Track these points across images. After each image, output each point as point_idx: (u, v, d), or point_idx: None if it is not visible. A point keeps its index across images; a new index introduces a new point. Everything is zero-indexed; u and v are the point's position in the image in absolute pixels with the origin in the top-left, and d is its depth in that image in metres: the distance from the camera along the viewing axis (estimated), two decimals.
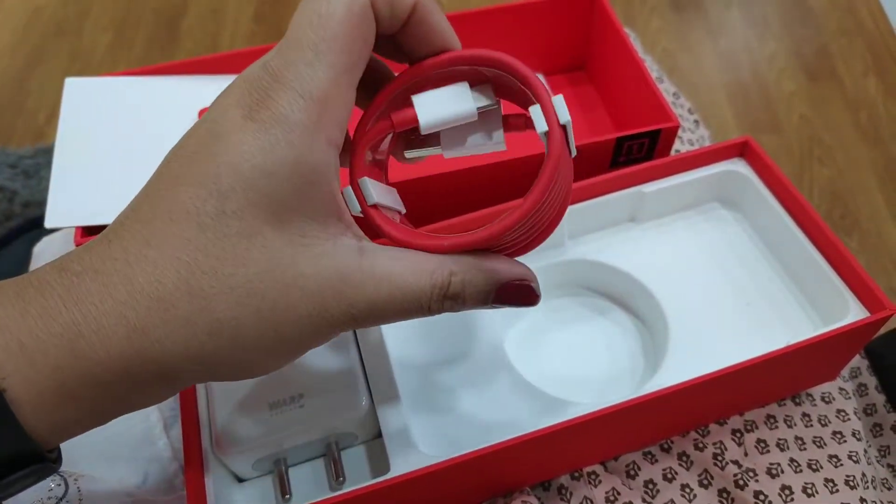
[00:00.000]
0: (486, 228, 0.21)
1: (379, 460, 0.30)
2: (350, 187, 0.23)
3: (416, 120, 0.22)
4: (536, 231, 0.23)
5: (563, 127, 0.21)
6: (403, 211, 0.25)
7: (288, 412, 0.28)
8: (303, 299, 0.20)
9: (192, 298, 0.19)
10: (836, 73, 1.19)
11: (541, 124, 0.21)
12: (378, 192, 0.23)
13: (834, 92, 1.18)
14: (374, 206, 0.22)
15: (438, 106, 0.22)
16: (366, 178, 0.23)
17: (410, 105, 0.22)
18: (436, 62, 0.22)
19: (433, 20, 0.22)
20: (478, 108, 0.22)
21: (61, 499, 0.31)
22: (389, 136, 0.24)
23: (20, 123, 1.12)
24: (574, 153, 0.23)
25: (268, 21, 1.27)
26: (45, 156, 0.96)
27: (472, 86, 0.22)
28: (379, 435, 0.30)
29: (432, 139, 0.24)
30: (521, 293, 0.23)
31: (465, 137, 0.23)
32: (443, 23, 0.22)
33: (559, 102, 0.21)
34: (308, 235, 0.20)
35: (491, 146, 0.24)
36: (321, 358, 0.29)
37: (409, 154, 0.25)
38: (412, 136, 0.25)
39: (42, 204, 0.91)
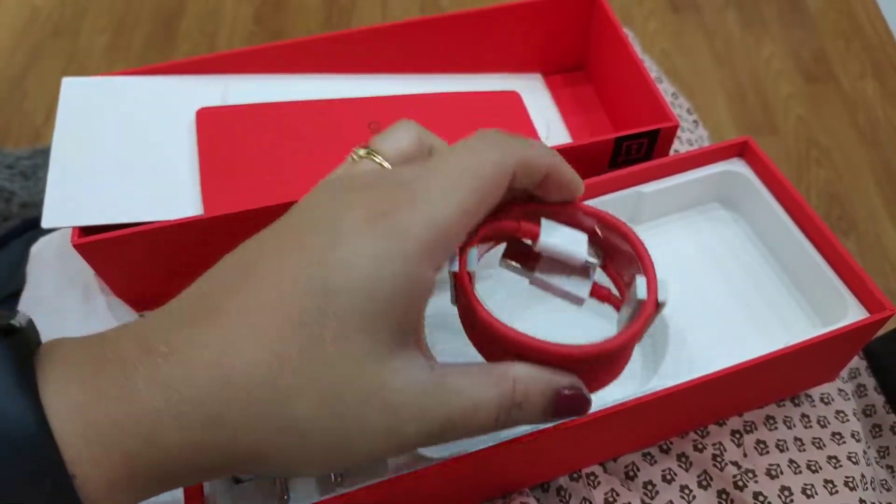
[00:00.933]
0: (572, 347, 0.23)
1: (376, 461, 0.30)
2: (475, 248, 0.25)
3: (537, 235, 0.25)
4: (602, 372, 0.25)
5: (659, 304, 0.24)
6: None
7: None
8: (381, 412, 0.20)
9: (275, 393, 0.19)
10: (833, 76, 1.19)
11: (642, 293, 0.24)
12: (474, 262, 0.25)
13: (831, 94, 1.18)
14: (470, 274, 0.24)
15: (560, 237, 0.25)
16: (475, 248, 0.25)
17: (538, 223, 0.25)
18: (567, 207, 0.26)
19: (563, 179, 0.24)
20: (585, 261, 0.25)
21: None
22: (502, 241, 0.27)
23: (17, 124, 1.12)
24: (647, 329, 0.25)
25: (267, 22, 1.27)
26: (42, 156, 0.96)
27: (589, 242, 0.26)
28: None
29: (529, 264, 0.27)
30: (577, 401, 0.23)
31: (558, 276, 0.26)
32: (570, 175, 0.24)
33: (663, 283, 0.24)
34: (394, 349, 0.20)
35: (571, 296, 0.26)
36: None
37: (502, 263, 0.27)
38: (517, 251, 0.27)
39: (40, 205, 0.91)
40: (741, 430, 0.35)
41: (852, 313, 0.31)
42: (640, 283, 0.24)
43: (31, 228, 0.72)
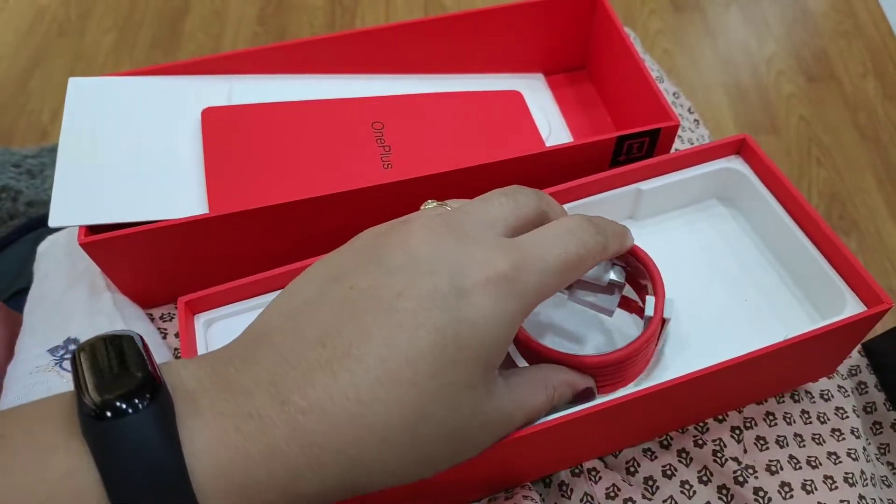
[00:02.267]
0: (588, 357, 0.29)
1: None
2: None
3: None
4: (618, 377, 0.31)
5: (664, 320, 0.30)
6: None
7: None
8: (485, 431, 0.24)
9: (414, 439, 0.21)
10: (834, 75, 1.19)
11: (649, 311, 0.30)
12: None
13: (833, 93, 1.18)
14: None
15: None
16: None
17: None
18: None
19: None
20: (609, 280, 0.30)
21: None
22: None
23: (24, 123, 1.13)
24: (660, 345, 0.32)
25: (271, 22, 1.27)
26: (49, 155, 0.96)
27: (612, 265, 0.31)
28: None
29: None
30: (587, 397, 0.29)
31: (591, 293, 0.31)
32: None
33: (670, 302, 0.30)
34: (495, 381, 0.24)
35: (602, 309, 0.31)
36: None
37: None
38: None
39: (46, 203, 0.92)
40: (741, 426, 0.35)
41: (850, 307, 0.31)
42: (650, 302, 0.30)
43: (38, 227, 0.73)
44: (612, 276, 0.31)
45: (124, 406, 0.18)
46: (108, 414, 0.18)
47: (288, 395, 0.20)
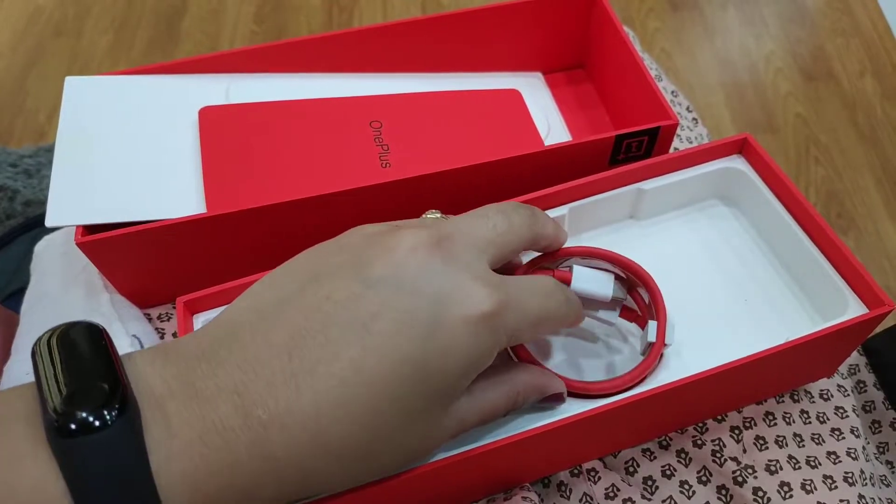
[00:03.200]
0: (592, 384, 0.30)
1: None
2: None
3: (569, 282, 0.30)
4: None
5: (666, 345, 0.31)
6: None
7: None
8: (437, 444, 0.24)
9: (367, 455, 0.22)
10: (832, 74, 1.19)
11: (651, 336, 0.31)
12: None
13: (831, 92, 1.18)
14: None
15: (588, 281, 0.30)
16: None
17: (570, 270, 0.30)
18: (596, 254, 0.32)
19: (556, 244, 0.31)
20: (612, 297, 0.30)
21: None
22: None
23: (20, 122, 1.12)
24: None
25: (269, 22, 1.27)
26: (46, 155, 0.96)
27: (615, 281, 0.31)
28: None
29: None
30: (556, 400, 0.29)
31: (592, 307, 0.31)
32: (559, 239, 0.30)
33: (671, 326, 0.31)
34: (451, 406, 0.24)
35: (603, 321, 0.32)
36: None
37: None
38: None
39: (43, 203, 0.91)
40: (740, 426, 0.35)
41: (852, 309, 0.31)
42: (652, 327, 0.31)
43: (35, 227, 0.73)
44: (616, 293, 0.31)
45: (91, 419, 0.18)
46: (74, 427, 0.18)
47: (251, 407, 0.20)
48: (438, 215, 0.26)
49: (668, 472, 0.34)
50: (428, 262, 0.22)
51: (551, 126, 0.44)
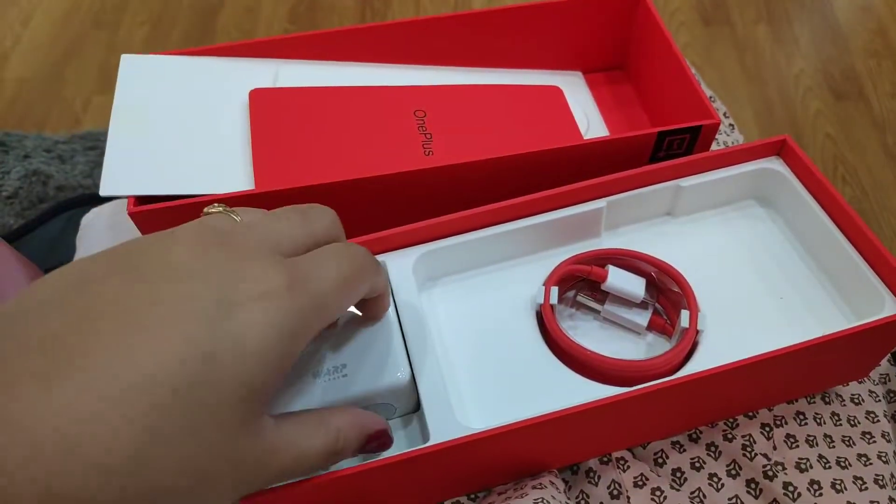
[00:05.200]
0: (633, 362, 0.31)
1: (414, 434, 0.31)
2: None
3: (605, 278, 0.34)
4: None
5: (698, 331, 0.32)
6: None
7: (332, 381, 0.29)
8: (234, 475, 0.20)
9: (142, 466, 0.17)
10: (863, 94, 1.19)
11: (685, 322, 0.32)
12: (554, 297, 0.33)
13: (860, 112, 1.18)
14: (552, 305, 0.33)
15: (622, 280, 0.34)
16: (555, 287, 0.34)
17: (606, 270, 0.34)
18: (629, 255, 0.35)
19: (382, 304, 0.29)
20: (642, 297, 0.34)
21: None
22: (577, 282, 0.36)
23: (57, 110, 1.15)
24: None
25: (303, 21, 1.29)
26: (80, 141, 0.98)
27: (645, 282, 0.34)
28: (414, 410, 0.31)
29: (599, 298, 0.35)
30: (382, 440, 0.26)
31: (623, 308, 0.34)
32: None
33: (703, 315, 0.33)
34: (259, 415, 0.21)
35: (633, 324, 0.34)
36: (364, 330, 0.30)
37: (580, 298, 0.35)
38: (590, 292, 0.35)
39: (75, 188, 0.93)
40: (771, 423, 0.35)
41: (889, 307, 0.31)
42: (684, 315, 0.32)
43: (68, 209, 0.75)
44: (644, 292, 0.33)
45: None
46: None
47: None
48: (221, 209, 0.24)
49: (697, 465, 0.34)
50: (208, 254, 0.20)
51: (590, 123, 0.45)
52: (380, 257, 0.33)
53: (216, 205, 0.24)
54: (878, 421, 0.36)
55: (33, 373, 0.17)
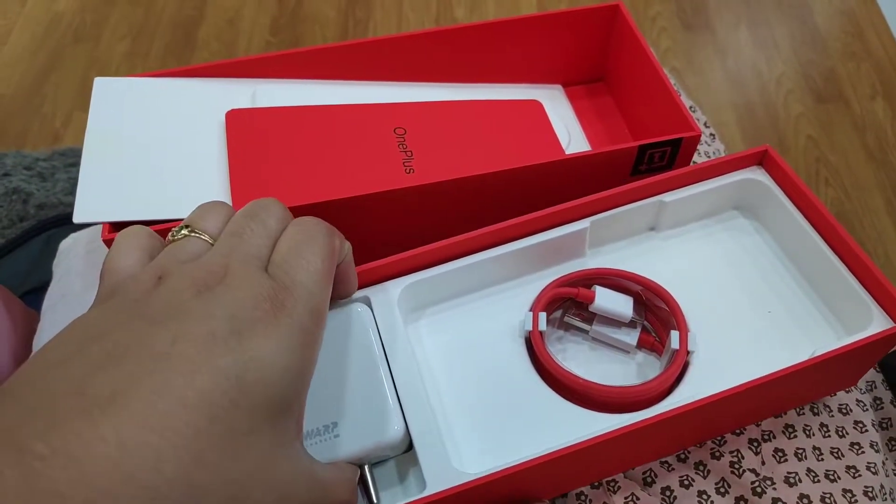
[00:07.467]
0: (625, 388, 0.31)
1: (409, 474, 0.30)
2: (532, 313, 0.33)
3: (592, 299, 0.33)
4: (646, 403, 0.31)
5: (689, 352, 0.32)
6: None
7: (323, 442, 0.27)
8: (277, 500, 0.21)
9: (189, 490, 0.18)
10: (843, 96, 1.20)
11: (675, 344, 0.32)
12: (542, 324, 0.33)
13: (841, 114, 1.19)
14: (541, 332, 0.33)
15: (610, 301, 0.33)
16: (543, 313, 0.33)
17: (593, 291, 0.34)
18: (615, 275, 0.34)
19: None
20: (630, 317, 0.33)
21: None
22: (563, 302, 0.35)
23: (36, 127, 1.13)
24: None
25: (284, 33, 1.28)
26: (60, 158, 0.97)
27: (633, 301, 0.34)
28: (408, 449, 0.30)
29: (588, 319, 0.35)
30: None
31: (611, 328, 0.34)
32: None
33: (693, 335, 0.32)
34: (288, 436, 0.22)
35: (622, 344, 0.34)
36: (352, 383, 0.29)
37: (567, 319, 0.35)
38: (578, 311, 0.35)
39: (56, 206, 0.92)
40: (759, 438, 0.35)
41: (877, 322, 0.31)
42: (674, 336, 0.32)
43: (48, 228, 0.73)
44: (633, 312, 0.33)
45: None
46: None
47: (26, 441, 0.17)
48: (186, 231, 0.24)
49: (686, 483, 0.34)
50: (210, 290, 0.21)
51: (572, 137, 0.45)
52: (362, 292, 0.32)
53: (182, 228, 0.25)
54: (867, 431, 0.36)
55: (77, 410, 0.18)
